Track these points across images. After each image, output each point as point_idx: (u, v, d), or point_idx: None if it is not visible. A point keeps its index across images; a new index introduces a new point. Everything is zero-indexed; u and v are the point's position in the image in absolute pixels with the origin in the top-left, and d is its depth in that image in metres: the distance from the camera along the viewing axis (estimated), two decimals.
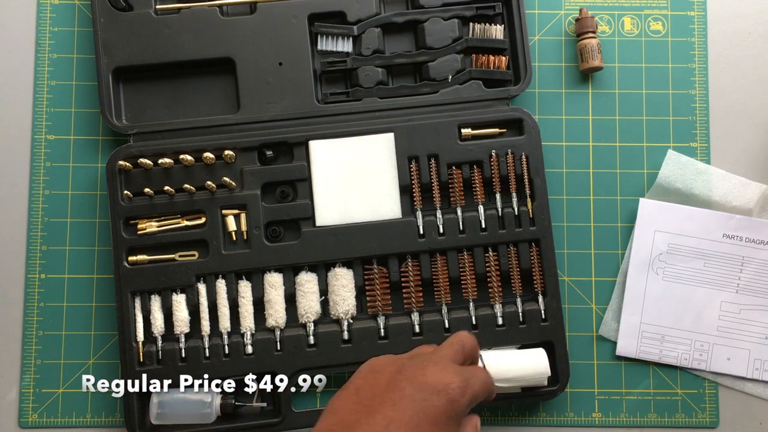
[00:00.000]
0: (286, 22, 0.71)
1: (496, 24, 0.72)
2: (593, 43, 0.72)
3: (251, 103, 0.70)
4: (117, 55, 0.70)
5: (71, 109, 0.73)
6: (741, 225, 0.71)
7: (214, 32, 0.71)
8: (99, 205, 0.72)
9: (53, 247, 0.72)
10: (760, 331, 0.71)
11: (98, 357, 0.71)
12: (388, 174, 0.70)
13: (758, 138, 0.74)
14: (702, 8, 0.75)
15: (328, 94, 0.72)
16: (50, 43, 0.74)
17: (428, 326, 0.68)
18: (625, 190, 0.73)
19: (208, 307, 0.68)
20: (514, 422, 0.71)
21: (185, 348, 0.68)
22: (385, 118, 0.70)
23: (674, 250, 0.71)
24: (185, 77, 0.72)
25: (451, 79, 0.71)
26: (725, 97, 0.75)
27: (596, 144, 0.74)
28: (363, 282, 0.69)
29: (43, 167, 0.73)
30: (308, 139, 0.70)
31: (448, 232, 0.69)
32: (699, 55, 0.75)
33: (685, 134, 0.74)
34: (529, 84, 0.70)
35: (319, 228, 0.69)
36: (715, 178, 0.72)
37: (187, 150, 0.69)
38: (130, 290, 0.68)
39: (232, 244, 0.69)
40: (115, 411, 0.70)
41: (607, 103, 0.74)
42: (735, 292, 0.71)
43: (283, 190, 0.70)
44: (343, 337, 0.68)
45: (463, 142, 0.70)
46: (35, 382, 0.71)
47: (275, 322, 0.68)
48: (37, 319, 0.71)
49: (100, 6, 0.70)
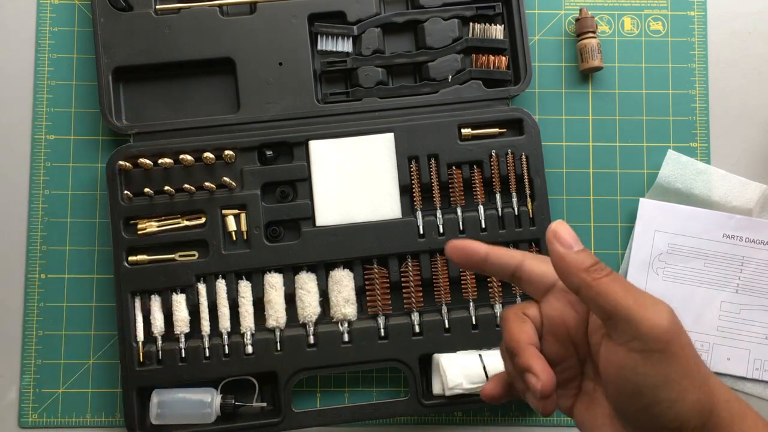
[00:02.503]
0: (286, 22, 0.71)
1: (496, 24, 0.72)
2: (593, 43, 0.72)
3: (251, 103, 0.70)
4: (117, 55, 0.70)
5: (71, 109, 0.73)
6: (741, 225, 0.71)
7: (214, 32, 0.71)
8: (99, 205, 0.72)
9: (53, 247, 0.72)
10: (760, 331, 0.71)
11: (98, 357, 0.71)
12: (388, 174, 0.70)
13: (758, 138, 0.74)
14: (702, 8, 0.75)
15: (328, 94, 0.72)
16: (50, 43, 0.74)
17: (428, 326, 0.68)
18: (625, 190, 0.73)
19: (208, 307, 0.68)
20: (514, 422, 0.71)
21: (185, 348, 0.68)
22: (385, 118, 0.70)
23: (674, 250, 0.71)
24: (185, 77, 0.72)
25: (451, 79, 0.71)
26: (725, 97, 0.75)
27: (596, 144, 0.74)
28: (363, 282, 0.69)
29: (43, 167, 0.73)
30: (308, 139, 0.70)
31: (448, 232, 0.69)
32: (699, 55, 0.75)
33: (685, 134, 0.74)
34: (529, 84, 0.70)
35: (319, 228, 0.69)
36: (715, 178, 0.72)
37: (187, 150, 0.69)
38: (130, 290, 0.68)
39: (232, 244, 0.69)
40: (115, 411, 0.70)
41: (607, 103, 0.74)
42: (735, 292, 0.71)
43: (283, 190, 0.70)
44: (343, 337, 0.68)
45: (463, 142, 0.70)
46: (35, 382, 0.71)
47: (275, 322, 0.68)
48: (37, 319, 0.71)
49: (100, 6, 0.70)
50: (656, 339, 0.37)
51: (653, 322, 0.37)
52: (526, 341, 0.41)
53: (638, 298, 0.38)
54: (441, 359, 0.66)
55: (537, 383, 0.39)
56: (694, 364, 0.38)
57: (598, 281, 0.39)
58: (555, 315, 0.43)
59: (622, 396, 0.39)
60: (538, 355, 0.41)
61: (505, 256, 0.44)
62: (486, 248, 0.44)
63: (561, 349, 0.43)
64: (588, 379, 0.43)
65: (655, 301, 0.38)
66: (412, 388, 0.68)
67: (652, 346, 0.37)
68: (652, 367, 0.38)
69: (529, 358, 0.40)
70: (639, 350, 0.38)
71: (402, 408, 0.68)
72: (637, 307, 0.38)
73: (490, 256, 0.44)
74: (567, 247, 0.40)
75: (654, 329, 0.37)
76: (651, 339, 0.37)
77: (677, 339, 0.38)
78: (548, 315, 0.43)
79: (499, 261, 0.44)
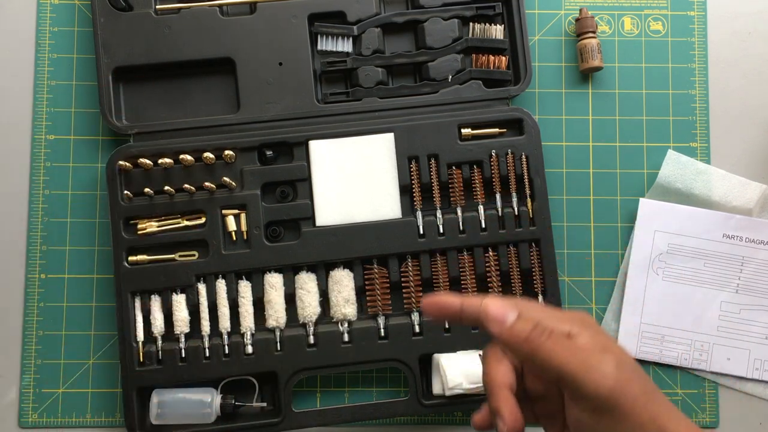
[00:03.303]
0: (286, 22, 0.71)
1: (496, 24, 0.72)
2: (593, 43, 0.72)
3: (251, 103, 0.70)
4: (117, 55, 0.70)
5: (71, 109, 0.73)
6: (741, 225, 0.71)
7: (214, 32, 0.71)
8: (99, 205, 0.72)
9: (53, 247, 0.72)
10: (760, 331, 0.71)
11: (98, 357, 0.71)
12: (388, 174, 0.70)
13: (758, 138, 0.74)
14: (702, 8, 0.75)
15: (328, 94, 0.72)
16: (50, 43, 0.74)
17: (428, 326, 0.68)
18: (625, 190, 0.73)
19: (208, 307, 0.68)
20: None
21: (185, 348, 0.68)
22: (385, 118, 0.70)
23: (674, 250, 0.71)
24: (185, 77, 0.72)
25: (451, 79, 0.71)
26: (725, 97, 0.75)
27: (596, 144, 0.74)
28: (363, 282, 0.69)
29: (43, 167, 0.73)
30: (308, 139, 0.70)
31: (448, 232, 0.69)
32: (699, 55, 0.75)
33: (685, 134, 0.74)
34: (529, 84, 0.70)
35: (319, 228, 0.69)
36: (715, 178, 0.72)
37: (187, 150, 0.69)
38: (130, 290, 0.68)
39: (232, 244, 0.69)
40: (115, 411, 0.70)
41: (607, 103, 0.74)
42: (735, 292, 0.71)
43: (283, 190, 0.70)
44: (343, 337, 0.68)
45: (463, 142, 0.70)
46: (35, 382, 0.71)
47: (275, 323, 0.68)
48: (37, 319, 0.71)
49: (100, 6, 0.70)
50: (603, 399, 0.38)
51: (597, 384, 0.38)
52: (500, 382, 0.42)
53: (584, 359, 0.39)
54: (441, 359, 0.66)
55: (503, 427, 0.41)
56: (646, 414, 0.39)
57: (540, 349, 0.39)
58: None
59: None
60: (508, 397, 0.42)
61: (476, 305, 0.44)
62: (459, 300, 0.44)
63: (542, 386, 0.44)
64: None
65: (600, 359, 0.39)
66: (412, 388, 0.68)
67: (599, 405, 0.38)
68: (605, 424, 0.38)
69: (498, 401, 0.41)
70: (588, 410, 0.39)
71: (402, 408, 0.68)
72: (582, 369, 0.38)
73: (464, 308, 0.44)
74: (501, 322, 0.41)
75: (599, 390, 0.38)
76: (597, 400, 0.38)
77: (625, 394, 0.38)
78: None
79: (473, 311, 0.43)
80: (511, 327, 0.41)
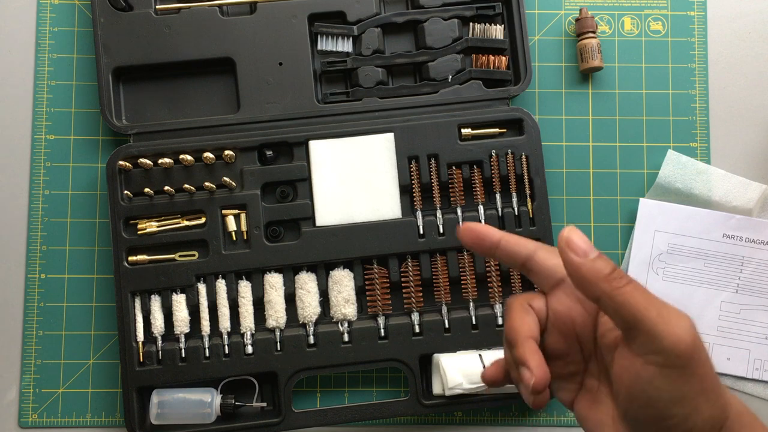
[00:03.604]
0: (286, 22, 0.71)
1: (496, 24, 0.72)
2: (593, 43, 0.72)
3: (251, 103, 0.70)
4: (117, 55, 0.70)
5: (71, 109, 0.73)
6: (741, 225, 0.71)
7: (214, 32, 0.71)
8: (99, 205, 0.72)
9: (53, 247, 0.72)
10: (760, 331, 0.71)
11: (98, 357, 0.71)
12: (388, 174, 0.70)
13: (758, 138, 0.74)
14: (702, 8, 0.75)
15: (328, 94, 0.72)
16: (50, 43, 0.74)
17: (428, 326, 0.68)
18: (625, 190, 0.73)
19: (208, 307, 0.68)
20: (514, 422, 0.71)
21: (185, 348, 0.68)
22: (385, 118, 0.70)
23: (674, 250, 0.71)
24: (185, 77, 0.72)
25: (451, 79, 0.71)
26: (725, 97, 0.75)
27: (596, 144, 0.74)
28: (363, 282, 0.69)
29: (43, 167, 0.73)
30: (308, 139, 0.70)
31: (448, 232, 0.69)
32: (699, 55, 0.75)
33: (685, 134, 0.74)
34: (529, 84, 0.70)
35: (319, 228, 0.69)
36: (715, 178, 0.72)
37: (187, 150, 0.69)
38: (130, 290, 0.68)
39: (232, 244, 0.69)
40: (115, 411, 0.70)
41: (607, 103, 0.74)
42: (735, 292, 0.71)
43: (283, 190, 0.70)
44: (343, 337, 0.68)
45: (463, 142, 0.70)
46: (35, 382, 0.71)
47: (275, 323, 0.68)
48: (37, 319, 0.71)
49: (100, 6, 0.70)
50: (678, 356, 0.36)
51: (676, 338, 0.36)
52: (526, 334, 0.40)
53: (661, 310, 0.37)
54: (441, 359, 0.66)
55: (530, 378, 0.39)
56: (710, 380, 0.37)
57: (619, 291, 0.37)
58: (562, 310, 0.42)
59: (633, 404, 0.38)
60: (535, 349, 0.40)
61: (518, 245, 0.43)
62: (500, 234, 0.43)
63: (564, 344, 0.42)
64: (592, 377, 0.42)
65: (679, 315, 0.37)
66: (412, 388, 0.68)
67: (672, 362, 0.36)
68: (670, 382, 0.36)
69: (525, 352, 0.40)
70: (657, 364, 0.37)
71: (402, 408, 0.68)
72: (661, 320, 0.36)
73: (502, 243, 0.43)
74: (582, 256, 0.38)
75: (676, 346, 0.36)
76: (672, 355, 0.36)
77: (697, 356, 0.37)
78: (555, 309, 0.42)
79: (511, 249, 0.43)
80: (594, 261, 0.38)
